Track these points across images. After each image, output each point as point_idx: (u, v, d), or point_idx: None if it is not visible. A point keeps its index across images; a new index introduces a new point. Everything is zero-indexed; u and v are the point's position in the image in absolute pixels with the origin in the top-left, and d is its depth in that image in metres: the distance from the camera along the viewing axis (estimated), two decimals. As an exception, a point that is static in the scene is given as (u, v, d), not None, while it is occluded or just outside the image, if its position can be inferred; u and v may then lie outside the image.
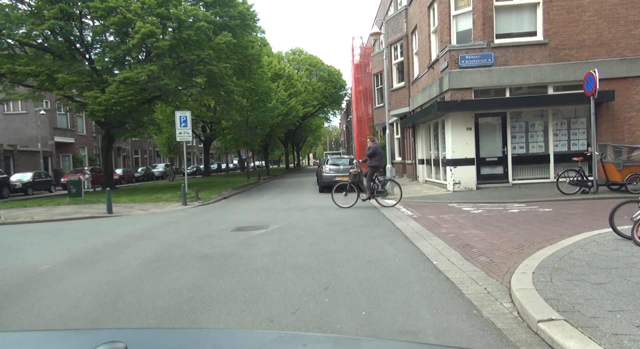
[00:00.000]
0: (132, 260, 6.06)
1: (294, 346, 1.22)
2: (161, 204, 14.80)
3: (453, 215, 8.98)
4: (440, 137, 15.54)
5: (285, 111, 33.94)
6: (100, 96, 16.43)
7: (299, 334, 1.61)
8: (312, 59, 51.18)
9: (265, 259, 5.70)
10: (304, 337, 1.38)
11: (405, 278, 4.59)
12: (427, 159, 17.93)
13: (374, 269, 4.96)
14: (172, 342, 1.26)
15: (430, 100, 15.99)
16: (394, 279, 4.56)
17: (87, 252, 6.77)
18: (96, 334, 1.42)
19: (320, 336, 1.52)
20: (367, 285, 4.36)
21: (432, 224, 7.92)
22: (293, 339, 1.33)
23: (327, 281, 4.60)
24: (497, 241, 6.13)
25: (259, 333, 1.80)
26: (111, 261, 6.06)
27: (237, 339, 1.30)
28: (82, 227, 10.03)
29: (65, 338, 1.36)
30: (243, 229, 8.36)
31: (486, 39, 13.29)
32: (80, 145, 39.03)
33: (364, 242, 6.58)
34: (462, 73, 13.39)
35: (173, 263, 5.79)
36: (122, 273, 5.35)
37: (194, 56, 17.61)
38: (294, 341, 1.28)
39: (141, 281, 4.96)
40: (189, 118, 16.37)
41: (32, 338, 1.32)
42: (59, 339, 1.32)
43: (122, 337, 1.05)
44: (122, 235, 8.44)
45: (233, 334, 1.43)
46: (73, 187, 15.31)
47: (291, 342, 1.28)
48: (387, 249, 6.01)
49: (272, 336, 1.35)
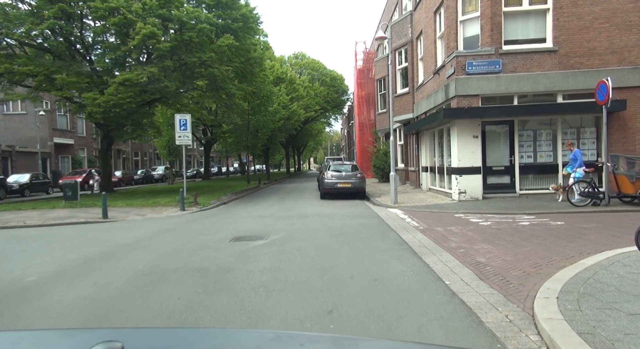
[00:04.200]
0: (123, 273, 5.69)
1: (291, 345, 1.22)
2: (159, 209, 14.43)
3: (461, 227, 8.60)
4: (446, 145, 15.19)
5: (287, 115, 33.65)
6: (99, 98, 16.11)
7: (295, 334, 1.61)
8: (315, 63, 51.00)
9: (265, 275, 5.32)
10: (301, 336, 1.38)
11: (417, 300, 4.22)
12: (431, 167, 17.58)
13: (382, 290, 4.59)
14: (169, 341, 1.25)
15: (435, 106, 15.66)
16: (404, 302, 4.18)
17: (76, 263, 6.40)
18: (93, 333, 1.39)
19: (317, 336, 1.51)
20: (375, 309, 3.99)
21: (440, 237, 7.54)
22: (290, 338, 1.33)
23: (331, 303, 4.23)
24: (512, 258, 5.75)
25: (256, 332, 1.76)
26: (100, 274, 5.68)
27: (234, 338, 1.31)
28: (75, 233, 9.66)
29: (62, 337, 1.34)
30: (242, 239, 7.98)
31: (494, 45, 12.98)
32: (80, 146, 38.71)
33: (369, 257, 6.21)
34: (469, 80, 13.07)
35: (166, 277, 5.42)
36: (111, 289, 4.98)
37: (195, 58, 17.31)
38: (291, 341, 1.28)
39: (130, 298, 4.59)
40: (189, 121, 16.05)
41: (29, 337, 1.31)
42: (55, 339, 1.31)
43: (119, 336, 1.05)
44: (115, 244, 8.07)
45: (230, 334, 1.44)
46: (69, 190, 14.95)
47: (288, 341, 1.27)
48: (395, 266, 5.64)
49: (269, 335, 1.35)
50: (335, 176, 16.83)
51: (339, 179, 16.74)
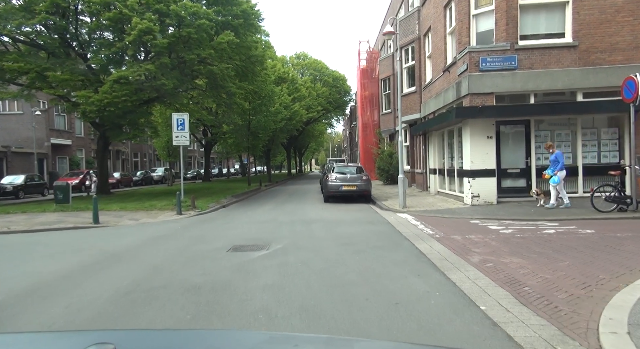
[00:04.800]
0: (103, 291, 4.95)
1: (285, 346, 1.20)
2: (154, 213, 13.70)
3: (481, 236, 7.85)
4: (457, 146, 14.45)
5: (289, 116, 32.91)
6: (93, 96, 15.40)
7: (290, 335, 1.60)
8: (317, 63, 50.28)
9: (266, 295, 4.58)
10: (295, 337, 1.37)
11: (451, 333, 3.47)
12: (439, 169, 16.82)
13: (405, 317, 3.84)
14: (162, 343, 1.24)
15: (445, 106, 14.92)
16: (435, 334, 3.43)
17: (54, 277, 5.66)
18: (85, 335, 1.38)
19: (311, 337, 1.47)
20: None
21: (460, 248, 6.79)
22: (284, 339, 1.31)
23: (345, 333, 3.49)
24: (551, 275, 5.00)
25: (250, 333, 1.74)
26: (77, 292, 4.94)
27: (228, 339, 1.29)
28: (61, 240, 8.92)
29: (54, 340, 1.32)
30: (241, 249, 7.23)
31: (510, 40, 12.24)
32: (78, 147, 38.02)
33: (384, 272, 5.46)
34: (483, 77, 12.33)
35: (152, 296, 4.68)
36: (86, 311, 4.24)
37: (194, 56, 16.60)
38: (285, 342, 1.26)
39: (107, 325, 3.86)
40: (187, 121, 15.34)
41: (21, 340, 1.30)
42: (47, 341, 1.30)
43: (111, 338, 1.06)
44: (102, 253, 7.33)
45: (224, 335, 1.44)
46: (60, 193, 14.22)
47: (282, 342, 1.26)
48: (416, 284, 4.89)
49: (263, 336, 1.34)
50: (340, 179, 16.09)
51: (344, 182, 16.00)
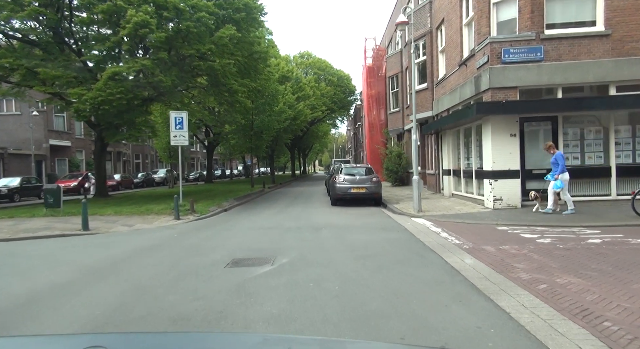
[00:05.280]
0: (68, 323, 3.98)
1: (279, 348, 1.19)
2: (150, 218, 12.75)
3: (517, 246, 6.83)
4: (475, 145, 13.43)
5: (293, 115, 31.93)
6: (86, 94, 14.48)
7: (284, 337, 1.62)
8: (321, 62, 49.34)
9: (271, 331, 3.59)
10: (289, 339, 1.36)
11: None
12: (454, 170, 15.80)
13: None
14: (155, 346, 1.22)
15: (461, 102, 13.90)
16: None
17: (14, 304, 4.69)
18: (77, 339, 1.36)
19: (305, 339, 1.48)
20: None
21: (498, 263, 5.78)
22: (278, 341, 1.29)
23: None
24: (630, 303, 3.98)
25: (244, 335, 1.77)
26: (36, 327, 3.97)
27: (222, 342, 1.27)
28: (40, 251, 7.97)
29: (47, 344, 1.31)
30: (241, 264, 6.25)
31: (535, 30, 11.22)
32: (78, 148, 37.22)
33: (417, 297, 4.46)
34: (506, 70, 11.31)
35: (128, 331, 3.70)
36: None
37: (193, 51, 15.67)
38: (279, 344, 1.24)
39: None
40: (186, 119, 14.40)
41: (11, 344, 1.29)
42: (39, 345, 1.28)
43: (104, 342, 1.09)
44: (81, 268, 6.37)
45: (218, 338, 1.40)
46: (50, 197, 13.30)
47: (276, 344, 1.23)
48: (461, 315, 3.89)
49: (257, 338, 1.33)
50: (348, 180, 15.10)
51: (352, 184, 15.01)
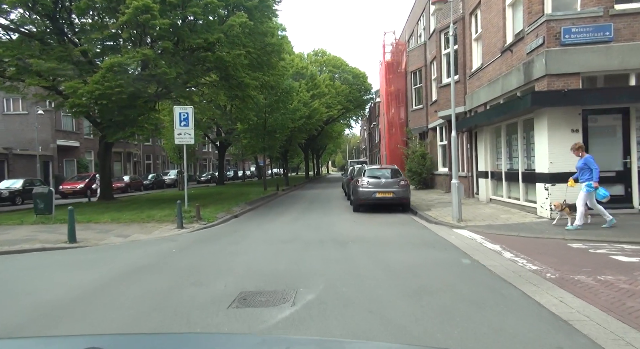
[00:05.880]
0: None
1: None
2: (150, 226, 11.24)
3: (624, 277, 5.05)
4: (522, 143, 11.62)
5: (308, 114, 30.30)
6: (82, 87, 13.08)
7: (282, 338, 1.65)
8: (336, 60, 47.69)
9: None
10: (287, 340, 1.38)
11: None
12: (493, 172, 13.98)
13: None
14: (152, 347, 1.20)
15: (504, 94, 12.12)
16: None
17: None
18: (74, 340, 1.36)
19: (303, 339, 1.49)
20: None
21: (618, 307, 4.04)
22: (276, 342, 1.28)
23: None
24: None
25: (242, 336, 1.69)
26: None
27: (218, 343, 1.26)
28: (7, 273, 6.47)
29: (44, 345, 1.31)
30: (251, 301, 4.58)
31: (602, 5, 9.40)
32: (87, 149, 36.18)
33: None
34: (566, 53, 9.50)
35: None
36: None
37: (200, 40, 14.16)
38: (277, 344, 1.23)
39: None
40: (191, 115, 12.89)
41: (10, 346, 1.28)
42: (38, 346, 1.28)
43: (100, 343, 1.07)
44: (40, 304, 4.79)
45: (216, 339, 1.39)
46: (41, 202, 11.90)
47: (275, 345, 1.22)
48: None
49: (255, 339, 1.31)
50: (373, 183, 13.41)
51: (378, 187, 13.32)
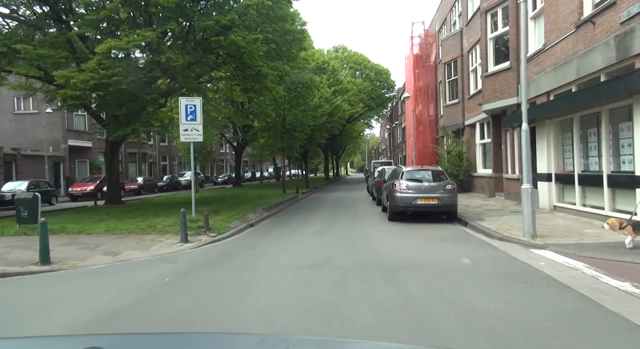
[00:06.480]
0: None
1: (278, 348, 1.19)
2: (149, 239, 9.33)
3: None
4: (608, 138, 9.28)
5: (330, 111, 28.20)
6: (76, 76, 11.31)
7: (281, 337, 1.63)
8: (357, 56, 45.48)
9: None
10: (287, 340, 1.36)
11: None
12: (559, 174, 11.63)
13: None
14: (152, 347, 1.20)
15: (581, 78, 9.79)
16: None
17: None
18: (74, 340, 1.36)
19: (303, 339, 1.45)
20: None
21: None
22: (276, 342, 1.28)
23: None
24: None
25: (241, 336, 1.71)
26: None
27: (220, 343, 1.25)
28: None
29: (44, 345, 1.30)
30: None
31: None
32: (99, 150, 34.77)
33: None
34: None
35: None
36: None
37: (212, 21, 12.24)
38: (277, 344, 1.24)
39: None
40: (199, 108, 10.96)
41: (9, 346, 1.28)
42: (37, 346, 1.28)
43: (100, 342, 1.07)
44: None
45: (215, 339, 1.39)
46: (24, 210, 10.14)
47: (274, 345, 1.22)
48: None
49: (255, 339, 1.31)
50: (413, 188, 11.26)
51: (419, 193, 11.16)
